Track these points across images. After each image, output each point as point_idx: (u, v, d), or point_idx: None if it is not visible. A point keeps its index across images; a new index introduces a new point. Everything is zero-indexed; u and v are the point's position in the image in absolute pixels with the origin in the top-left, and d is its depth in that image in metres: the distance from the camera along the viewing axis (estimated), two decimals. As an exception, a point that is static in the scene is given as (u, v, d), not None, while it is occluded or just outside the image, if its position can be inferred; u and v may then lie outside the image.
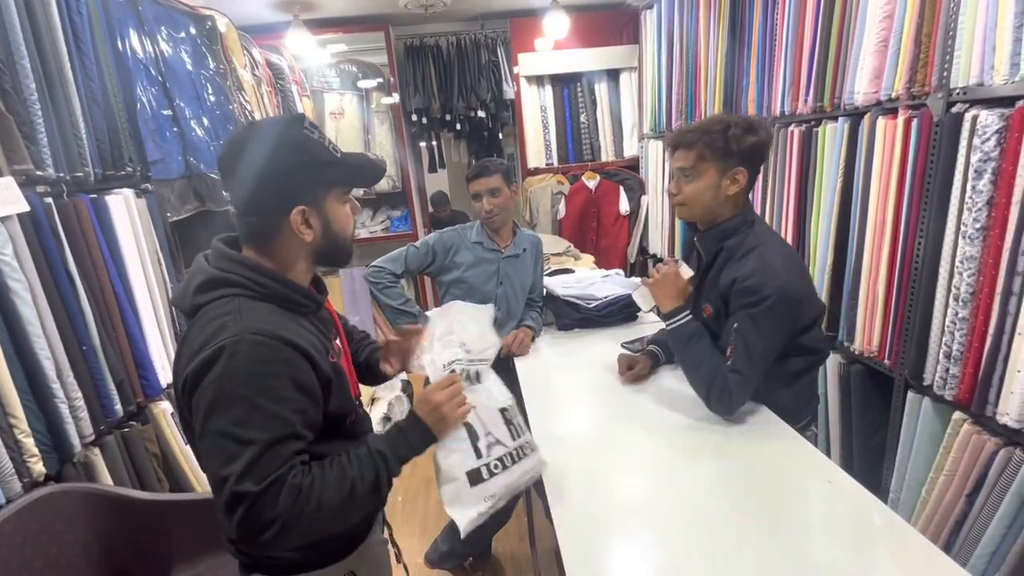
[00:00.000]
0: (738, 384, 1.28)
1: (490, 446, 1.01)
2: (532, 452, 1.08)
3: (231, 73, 2.51)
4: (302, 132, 0.90)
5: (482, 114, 3.98)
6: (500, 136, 4.35)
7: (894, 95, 1.57)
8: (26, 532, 1.21)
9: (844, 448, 1.89)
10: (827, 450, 1.94)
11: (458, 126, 4.08)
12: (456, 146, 4.48)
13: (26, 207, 1.32)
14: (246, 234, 0.94)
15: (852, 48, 1.70)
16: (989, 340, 1.31)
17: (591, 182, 3.77)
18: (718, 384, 1.30)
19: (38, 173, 1.41)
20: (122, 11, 1.86)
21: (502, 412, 1.06)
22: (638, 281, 1.70)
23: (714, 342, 1.37)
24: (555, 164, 3.90)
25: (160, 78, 2.02)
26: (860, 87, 1.66)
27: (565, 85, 3.82)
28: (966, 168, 1.34)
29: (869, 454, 1.80)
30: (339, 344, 1.05)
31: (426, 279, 4.06)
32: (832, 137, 1.82)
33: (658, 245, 3.63)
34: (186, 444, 1.76)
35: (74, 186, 1.56)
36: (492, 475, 1.00)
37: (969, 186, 1.32)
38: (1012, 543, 1.29)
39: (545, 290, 2.16)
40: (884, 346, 1.67)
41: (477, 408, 1.03)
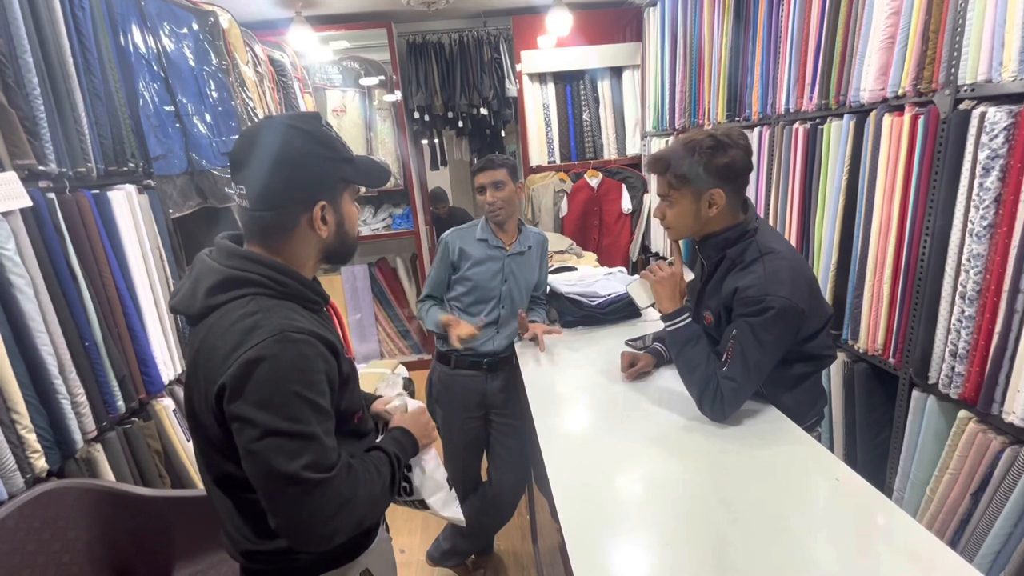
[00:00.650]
0: (731, 391, 1.27)
1: (437, 465, 1.18)
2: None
3: (234, 69, 2.50)
4: (323, 128, 0.91)
5: (484, 112, 3.97)
6: (502, 134, 4.35)
7: (900, 92, 1.56)
8: (28, 528, 1.21)
9: (848, 447, 1.89)
10: (831, 448, 1.94)
11: (460, 124, 4.07)
12: (458, 144, 4.48)
13: (28, 202, 1.32)
14: (257, 229, 0.91)
15: (858, 45, 1.69)
16: (996, 338, 1.30)
17: (593, 180, 3.76)
18: (711, 389, 1.29)
19: (40, 168, 1.41)
20: (125, 6, 1.85)
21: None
22: (636, 278, 1.69)
23: (713, 348, 1.36)
24: (557, 162, 3.89)
25: (163, 74, 2.02)
26: (866, 84, 1.65)
27: (568, 83, 3.81)
28: (973, 165, 1.33)
29: (873, 453, 1.79)
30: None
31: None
32: (837, 135, 1.80)
33: (660, 243, 3.62)
34: (188, 441, 1.76)
35: (76, 181, 1.56)
36: (452, 485, 1.19)
37: (976, 183, 1.31)
38: (1017, 542, 1.28)
39: (548, 287, 2.16)
40: (889, 344, 1.67)
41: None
